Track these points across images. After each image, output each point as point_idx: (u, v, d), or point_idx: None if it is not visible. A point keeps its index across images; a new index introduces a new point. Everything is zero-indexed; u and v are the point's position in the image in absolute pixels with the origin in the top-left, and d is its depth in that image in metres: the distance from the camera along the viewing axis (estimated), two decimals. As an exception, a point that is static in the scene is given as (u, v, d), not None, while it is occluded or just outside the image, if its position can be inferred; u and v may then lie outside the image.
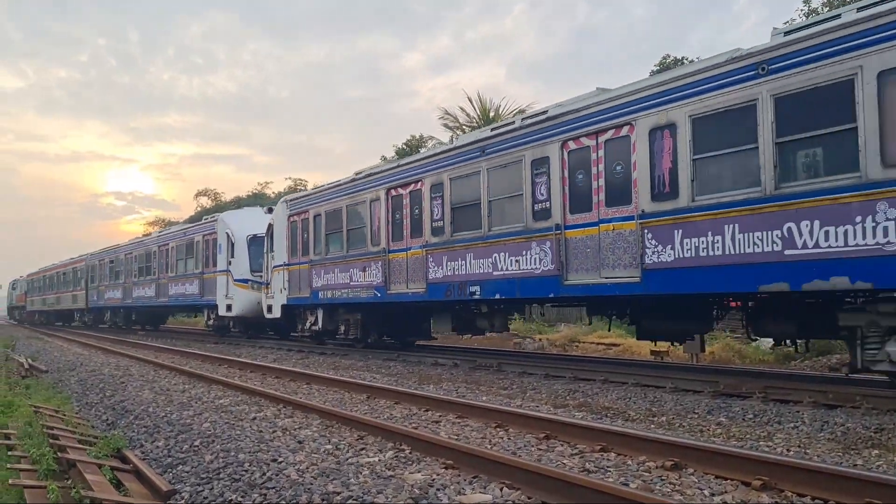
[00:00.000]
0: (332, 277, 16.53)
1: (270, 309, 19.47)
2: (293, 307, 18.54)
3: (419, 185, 13.73)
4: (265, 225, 20.23)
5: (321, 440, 6.38)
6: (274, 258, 19.20)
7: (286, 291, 18.43)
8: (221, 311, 22.69)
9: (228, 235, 22.30)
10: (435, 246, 13.23)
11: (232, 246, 22.01)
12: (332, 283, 16.52)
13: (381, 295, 14.69)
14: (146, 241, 31.79)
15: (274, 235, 19.31)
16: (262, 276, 20.44)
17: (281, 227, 18.87)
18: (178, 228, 29.53)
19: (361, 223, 15.50)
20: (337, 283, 16.30)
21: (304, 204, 18.06)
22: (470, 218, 12.42)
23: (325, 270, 16.82)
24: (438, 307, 14.27)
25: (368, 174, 15.62)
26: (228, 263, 22.06)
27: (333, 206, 16.60)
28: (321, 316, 17.60)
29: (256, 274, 20.99)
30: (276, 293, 19.02)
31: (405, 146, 35.97)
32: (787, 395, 8.33)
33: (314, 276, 17.21)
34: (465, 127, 32.17)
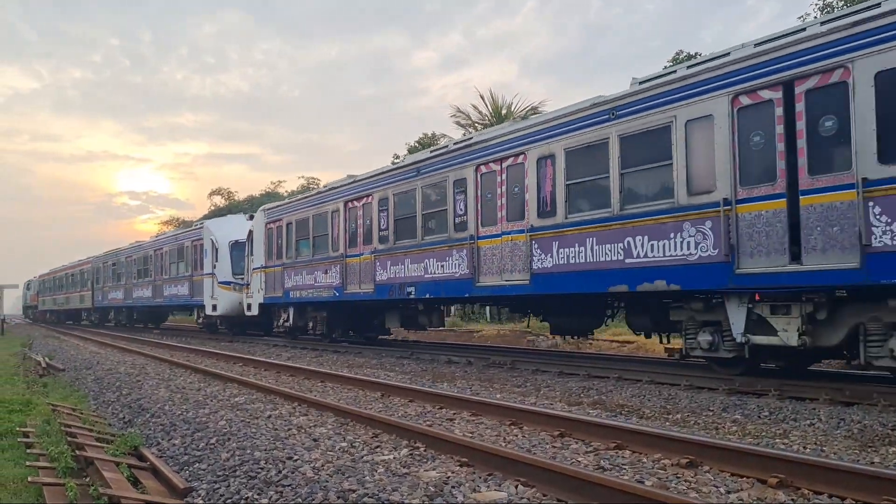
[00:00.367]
0: (300, 279, 18.60)
1: (250, 307, 21.60)
2: (269, 305, 20.65)
3: (370, 198, 15.79)
4: (246, 231, 22.42)
5: (336, 438, 6.36)
6: (254, 261, 21.35)
7: (263, 291, 20.55)
8: (208, 310, 24.88)
9: (213, 241, 24.47)
10: (381, 252, 15.28)
11: (216, 251, 24.17)
12: (300, 283, 18.60)
13: (339, 294, 16.76)
14: (144, 245, 34.10)
15: (254, 241, 21.43)
16: (243, 278, 22.60)
17: (260, 233, 20.99)
18: (170, 234, 31.93)
19: (325, 231, 17.58)
20: (304, 283, 18.37)
21: (279, 213, 20.16)
22: (409, 228, 14.47)
23: (295, 272, 18.90)
24: (389, 306, 16.34)
25: (331, 188, 17.76)
26: (213, 267, 24.23)
27: (303, 215, 18.68)
28: (292, 313, 19.71)
29: (238, 276, 23.15)
30: (254, 293, 21.15)
31: (417, 144, 36.13)
32: (802, 392, 8.24)
33: (286, 277, 19.29)
34: (477, 125, 32.13)
